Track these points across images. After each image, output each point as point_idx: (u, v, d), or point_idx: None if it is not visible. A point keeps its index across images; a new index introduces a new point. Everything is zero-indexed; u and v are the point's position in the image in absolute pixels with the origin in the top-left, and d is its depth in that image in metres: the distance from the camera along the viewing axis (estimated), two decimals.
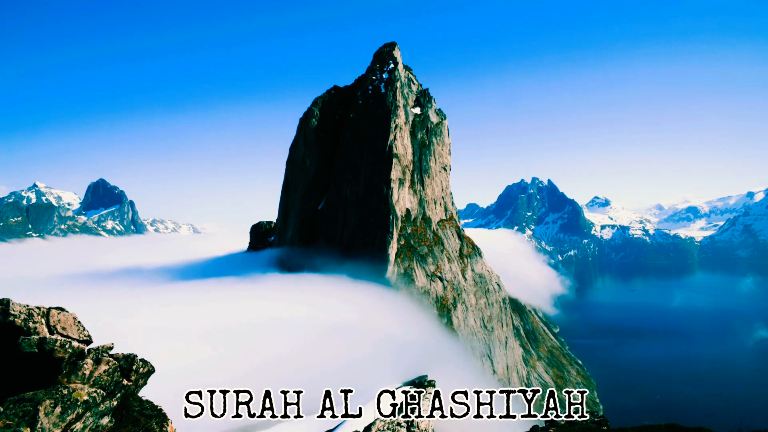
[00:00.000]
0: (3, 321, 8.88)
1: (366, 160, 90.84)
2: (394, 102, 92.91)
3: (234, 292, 79.16)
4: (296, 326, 61.19)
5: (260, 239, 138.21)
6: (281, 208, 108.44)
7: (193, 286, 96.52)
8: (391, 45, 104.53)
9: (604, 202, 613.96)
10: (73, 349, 9.32)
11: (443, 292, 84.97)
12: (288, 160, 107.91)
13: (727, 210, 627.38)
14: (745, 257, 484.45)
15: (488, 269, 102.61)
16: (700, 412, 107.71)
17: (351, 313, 67.31)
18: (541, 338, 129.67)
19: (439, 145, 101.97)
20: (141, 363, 10.67)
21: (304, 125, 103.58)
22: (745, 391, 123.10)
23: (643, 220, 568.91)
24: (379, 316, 67.48)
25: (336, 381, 44.04)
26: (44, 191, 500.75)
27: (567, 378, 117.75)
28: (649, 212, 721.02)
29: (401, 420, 17.15)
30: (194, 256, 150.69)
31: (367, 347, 54.76)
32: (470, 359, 75.30)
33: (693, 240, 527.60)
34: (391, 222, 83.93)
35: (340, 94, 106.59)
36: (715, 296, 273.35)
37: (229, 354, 51.74)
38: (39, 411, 8.00)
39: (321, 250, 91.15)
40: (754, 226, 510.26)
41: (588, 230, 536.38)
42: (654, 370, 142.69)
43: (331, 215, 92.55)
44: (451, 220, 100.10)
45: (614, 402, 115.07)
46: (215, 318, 63.57)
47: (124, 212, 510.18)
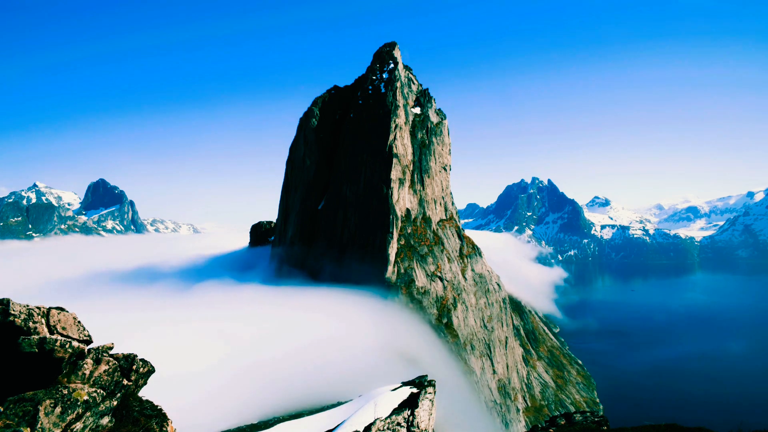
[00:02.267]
0: (3, 321, 8.88)
1: (366, 160, 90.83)
2: (394, 102, 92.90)
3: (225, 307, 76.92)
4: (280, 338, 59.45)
5: (260, 239, 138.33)
6: (281, 208, 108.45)
7: (182, 293, 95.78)
8: (391, 45, 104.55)
9: (604, 202, 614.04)
10: (73, 348, 9.32)
11: (443, 292, 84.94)
12: (288, 160, 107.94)
13: (727, 210, 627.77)
14: (745, 257, 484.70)
15: (488, 269, 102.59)
16: (700, 412, 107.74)
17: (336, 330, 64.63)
18: (541, 338, 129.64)
19: (439, 145, 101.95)
20: (141, 363, 10.67)
21: (304, 125, 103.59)
22: (745, 391, 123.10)
23: (643, 220, 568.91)
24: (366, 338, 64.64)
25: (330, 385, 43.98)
26: (44, 191, 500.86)
27: (567, 378, 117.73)
28: (649, 212, 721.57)
29: (401, 420, 17.14)
30: (194, 257, 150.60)
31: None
32: (463, 383, 74.06)
33: (693, 240, 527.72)
34: (391, 222, 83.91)
35: (340, 94, 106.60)
36: (715, 296, 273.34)
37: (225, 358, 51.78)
38: (39, 411, 8.00)
39: (321, 250, 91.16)
40: (754, 226, 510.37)
41: (588, 230, 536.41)
42: (654, 369, 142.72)
43: (331, 215, 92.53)
44: (451, 220, 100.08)
45: (614, 402, 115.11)
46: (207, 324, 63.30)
47: (124, 212, 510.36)
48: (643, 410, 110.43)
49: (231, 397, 40.75)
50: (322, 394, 39.40)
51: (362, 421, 18.32)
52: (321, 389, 42.14)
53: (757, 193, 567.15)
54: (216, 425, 31.48)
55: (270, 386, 44.01)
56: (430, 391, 19.52)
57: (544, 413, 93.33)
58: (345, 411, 22.84)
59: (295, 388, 42.88)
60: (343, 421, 19.96)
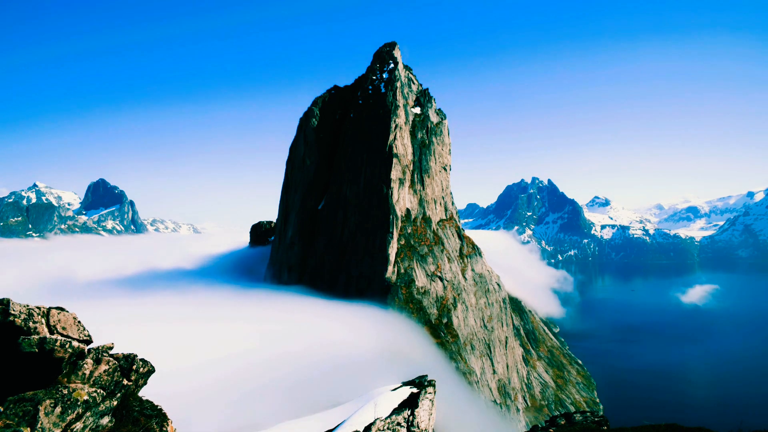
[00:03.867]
0: (3, 321, 8.88)
1: (366, 160, 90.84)
2: (394, 102, 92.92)
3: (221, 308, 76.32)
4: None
5: (260, 239, 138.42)
6: (281, 208, 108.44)
7: (180, 294, 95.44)
8: (391, 45, 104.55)
9: (604, 202, 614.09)
10: (73, 348, 9.32)
11: (443, 292, 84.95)
12: (288, 160, 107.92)
13: (727, 210, 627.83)
14: (745, 257, 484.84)
15: (488, 269, 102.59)
16: (700, 412, 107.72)
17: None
18: (541, 338, 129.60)
19: (439, 144, 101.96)
20: (141, 363, 10.67)
21: (304, 125, 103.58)
22: (745, 391, 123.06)
23: (643, 220, 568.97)
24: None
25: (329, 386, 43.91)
26: (44, 191, 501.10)
27: (567, 378, 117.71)
28: (649, 212, 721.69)
29: (401, 420, 17.14)
30: (193, 257, 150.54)
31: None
32: (463, 382, 73.41)
33: (693, 240, 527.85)
34: (391, 222, 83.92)
35: (340, 93, 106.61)
36: (715, 296, 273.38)
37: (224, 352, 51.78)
38: (39, 411, 8.00)
39: (321, 250, 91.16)
40: (754, 226, 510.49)
41: (588, 230, 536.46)
42: (654, 369, 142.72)
43: (331, 215, 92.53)
44: (451, 219, 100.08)
45: (614, 402, 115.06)
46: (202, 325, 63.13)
47: (124, 212, 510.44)
48: (643, 410, 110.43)
49: (231, 398, 40.75)
50: (322, 394, 39.40)
51: (362, 421, 18.31)
52: (321, 390, 42.16)
53: (757, 193, 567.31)
54: (216, 425, 31.50)
55: (270, 386, 44.03)
56: (430, 391, 19.52)
57: (544, 413, 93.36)
58: (345, 411, 22.83)
59: (295, 389, 42.90)
60: (343, 421, 19.95)
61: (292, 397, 40.11)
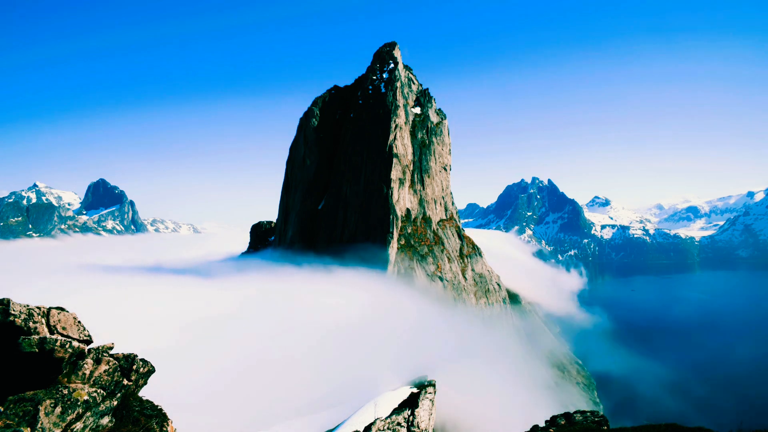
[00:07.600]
0: (3, 321, 8.88)
1: (366, 160, 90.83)
2: (394, 102, 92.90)
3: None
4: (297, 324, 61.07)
5: (260, 239, 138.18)
6: (281, 208, 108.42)
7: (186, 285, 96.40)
8: (391, 45, 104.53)
9: (604, 202, 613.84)
10: (73, 348, 9.32)
11: (443, 291, 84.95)
12: (288, 160, 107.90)
13: (727, 210, 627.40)
14: (746, 257, 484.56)
15: (488, 269, 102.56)
16: (700, 412, 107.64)
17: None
18: (541, 338, 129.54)
19: (439, 144, 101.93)
20: (141, 363, 10.67)
21: (304, 125, 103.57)
22: (745, 392, 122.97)
23: (643, 220, 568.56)
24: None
25: (336, 380, 44.03)
26: (44, 191, 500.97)
27: (567, 378, 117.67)
28: (649, 212, 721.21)
29: (401, 420, 17.14)
30: (193, 258, 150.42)
31: (368, 346, 54.66)
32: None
33: (693, 240, 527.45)
34: (391, 222, 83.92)
35: (340, 93, 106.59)
36: (716, 296, 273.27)
37: (224, 352, 51.80)
38: (39, 411, 8.00)
39: (321, 250, 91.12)
40: (754, 226, 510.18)
41: (588, 230, 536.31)
42: (654, 369, 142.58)
43: (331, 215, 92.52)
44: (451, 219, 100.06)
45: (614, 402, 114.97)
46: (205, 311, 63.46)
47: (125, 212, 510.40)
48: (643, 410, 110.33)
49: (230, 399, 40.76)
50: (323, 395, 39.38)
51: (362, 421, 18.32)
52: (321, 390, 42.14)
53: (757, 193, 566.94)
54: (216, 425, 31.49)
55: (270, 386, 44.03)
56: (430, 391, 19.52)
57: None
58: (345, 411, 22.84)
59: (295, 389, 42.89)
60: (344, 421, 19.96)
61: (292, 397, 40.10)
